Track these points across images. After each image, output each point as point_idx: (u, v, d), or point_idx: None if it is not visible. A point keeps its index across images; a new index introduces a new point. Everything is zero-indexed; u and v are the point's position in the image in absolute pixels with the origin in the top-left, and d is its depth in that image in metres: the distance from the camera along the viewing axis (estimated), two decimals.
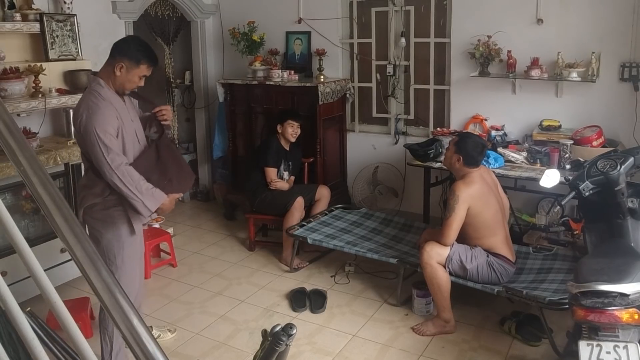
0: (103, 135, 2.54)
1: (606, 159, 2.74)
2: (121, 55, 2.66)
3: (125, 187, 2.57)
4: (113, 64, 2.67)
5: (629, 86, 4.04)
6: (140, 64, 2.68)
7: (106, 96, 2.64)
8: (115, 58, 2.67)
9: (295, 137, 4.57)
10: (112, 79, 2.68)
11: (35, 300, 3.04)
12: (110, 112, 2.61)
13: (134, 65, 2.66)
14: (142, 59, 2.69)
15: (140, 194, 2.60)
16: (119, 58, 2.66)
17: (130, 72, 2.67)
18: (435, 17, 4.84)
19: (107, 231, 2.73)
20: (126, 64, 2.66)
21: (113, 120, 2.60)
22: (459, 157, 3.34)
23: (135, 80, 2.71)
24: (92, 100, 2.61)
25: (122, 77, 2.67)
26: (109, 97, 2.65)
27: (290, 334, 1.40)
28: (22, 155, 1.19)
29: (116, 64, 2.65)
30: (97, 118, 2.55)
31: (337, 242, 4.02)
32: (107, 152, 2.54)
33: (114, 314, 1.06)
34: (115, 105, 2.66)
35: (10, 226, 1.19)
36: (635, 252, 2.51)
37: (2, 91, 3.67)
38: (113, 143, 2.58)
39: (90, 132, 2.54)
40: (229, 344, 3.33)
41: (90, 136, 2.54)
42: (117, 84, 2.69)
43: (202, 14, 5.76)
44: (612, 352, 2.21)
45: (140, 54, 2.69)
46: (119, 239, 2.73)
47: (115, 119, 2.61)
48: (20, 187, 3.59)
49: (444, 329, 3.37)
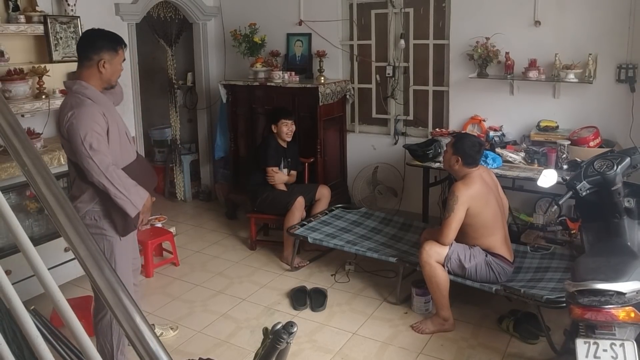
0: (90, 136, 2.51)
1: (603, 159, 2.75)
2: (97, 53, 2.63)
3: (113, 187, 2.55)
4: (93, 64, 2.63)
5: (626, 87, 4.06)
6: (117, 51, 2.69)
7: (91, 96, 2.61)
8: (92, 58, 2.63)
9: (292, 135, 4.58)
10: (96, 78, 2.65)
11: (39, 299, 3.08)
12: (96, 110, 2.57)
13: (113, 55, 2.66)
14: (116, 46, 2.69)
15: (128, 192, 2.59)
16: (96, 56, 2.62)
17: (113, 64, 2.67)
18: (434, 19, 4.86)
19: (98, 243, 2.71)
20: (107, 58, 2.64)
21: (99, 118, 2.57)
22: (458, 158, 3.35)
23: (119, 68, 2.73)
24: (76, 101, 2.57)
25: (108, 71, 2.66)
26: (94, 96, 2.61)
27: (291, 332, 1.40)
28: (26, 155, 1.19)
29: (98, 62, 2.62)
30: (83, 118, 2.52)
31: (337, 241, 4.05)
32: (94, 154, 2.51)
33: (117, 312, 1.07)
34: (101, 104, 2.63)
35: (14, 225, 1.19)
36: (631, 251, 2.52)
37: (7, 92, 3.69)
38: (101, 143, 2.55)
39: (76, 134, 2.50)
40: (231, 341, 3.35)
41: (76, 138, 2.51)
42: (104, 80, 2.68)
43: (204, 16, 5.79)
44: (609, 349, 2.22)
45: (113, 43, 2.69)
46: (111, 250, 2.73)
47: (101, 117, 2.58)
48: (25, 187, 3.60)
49: (442, 327, 3.38)
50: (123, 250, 2.79)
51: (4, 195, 1.24)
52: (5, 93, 3.67)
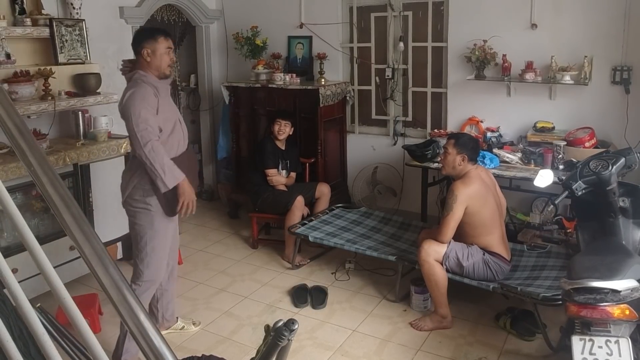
0: (139, 112, 2.77)
1: (598, 159, 2.77)
2: (140, 44, 2.94)
3: (149, 160, 2.77)
4: (140, 55, 2.93)
5: (620, 89, 4.09)
6: (156, 38, 2.93)
7: (148, 80, 2.88)
8: (138, 50, 2.94)
9: (284, 135, 4.61)
10: (147, 67, 2.92)
11: (45, 297, 3.16)
12: (149, 90, 2.84)
13: (153, 43, 2.92)
14: (154, 34, 2.95)
15: (162, 169, 2.79)
16: (139, 47, 2.93)
17: (155, 51, 2.92)
18: (433, 22, 4.90)
19: (141, 219, 2.94)
20: (148, 47, 2.91)
21: (151, 98, 2.83)
22: (464, 156, 3.36)
23: (165, 56, 2.95)
24: (134, 84, 2.86)
25: (154, 59, 2.92)
26: (150, 81, 2.90)
27: (292, 329, 1.39)
28: (32, 155, 1.20)
29: (142, 53, 2.92)
30: (136, 97, 2.80)
31: (337, 240, 4.07)
32: (138, 129, 2.77)
33: (121, 310, 1.07)
34: (156, 87, 2.89)
35: (21, 224, 1.19)
36: (626, 250, 2.54)
37: (13, 94, 3.71)
38: (148, 120, 2.79)
39: (128, 110, 2.79)
40: (233, 338, 3.38)
41: (128, 114, 2.79)
42: (154, 68, 2.93)
43: (206, 19, 5.84)
44: (604, 346, 2.23)
45: (151, 32, 2.98)
46: (152, 227, 2.94)
47: (153, 97, 2.84)
48: (31, 187, 3.62)
49: (441, 324, 3.41)
50: (162, 228, 2.99)
51: (11, 194, 1.25)
52: (11, 95, 3.70)
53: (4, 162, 3.50)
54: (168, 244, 3.09)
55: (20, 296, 1.18)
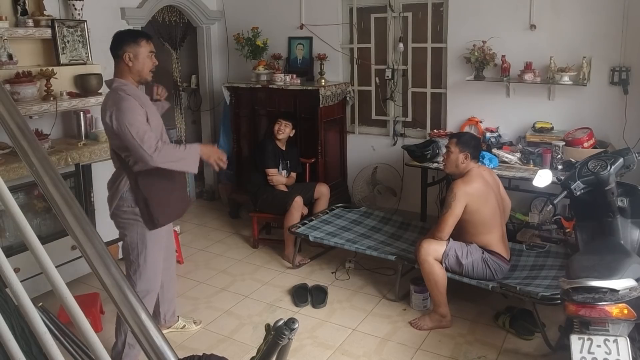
0: (134, 125, 2.63)
1: (597, 159, 2.78)
2: (121, 47, 2.79)
3: (166, 165, 2.71)
4: (121, 60, 2.80)
5: (619, 89, 4.11)
6: (138, 42, 2.81)
7: (129, 91, 2.76)
8: (119, 54, 2.79)
9: (283, 135, 4.63)
10: (128, 72, 2.80)
11: (47, 296, 3.17)
12: (135, 103, 2.72)
13: (135, 46, 2.79)
14: (137, 37, 2.83)
15: (183, 162, 2.76)
16: (120, 51, 2.79)
17: (138, 55, 2.80)
18: (432, 23, 4.92)
19: (131, 231, 2.86)
20: (130, 50, 2.78)
21: (139, 109, 2.72)
22: (467, 154, 3.38)
23: (147, 60, 2.84)
24: (116, 98, 2.73)
25: (136, 63, 2.80)
26: (132, 92, 2.77)
27: (293, 328, 1.39)
28: (34, 156, 1.20)
29: (123, 57, 2.78)
30: (125, 111, 2.66)
31: (337, 240, 4.08)
32: (141, 142, 2.62)
33: (123, 309, 1.08)
34: (138, 97, 2.79)
35: (23, 224, 1.19)
36: (624, 249, 2.54)
37: (15, 94, 3.72)
38: (145, 127, 2.68)
39: (122, 126, 2.64)
40: (234, 337, 3.40)
41: (123, 129, 2.64)
42: (135, 73, 2.81)
43: (207, 20, 5.86)
44: (603, 345, 2.23)
45: (133, 35, 2.85)
46: (143, 239, 2.86)
47: (140, 108, 2.73)
48: (33, 187, 3.64)
49: (440, 323, 3.42)
50: (154, 238, 2.91)
51: (13, 194, 1.26)
52: (14, 95, 3.71)
53: (6, 162, 3.52)
54: (162, 252, 3.01)
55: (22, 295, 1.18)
